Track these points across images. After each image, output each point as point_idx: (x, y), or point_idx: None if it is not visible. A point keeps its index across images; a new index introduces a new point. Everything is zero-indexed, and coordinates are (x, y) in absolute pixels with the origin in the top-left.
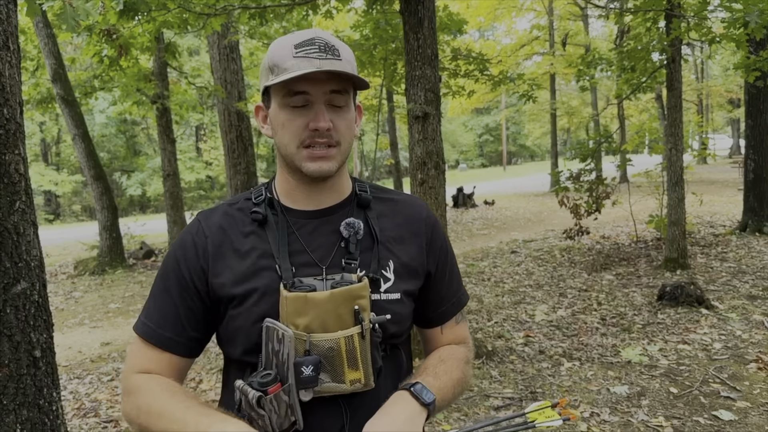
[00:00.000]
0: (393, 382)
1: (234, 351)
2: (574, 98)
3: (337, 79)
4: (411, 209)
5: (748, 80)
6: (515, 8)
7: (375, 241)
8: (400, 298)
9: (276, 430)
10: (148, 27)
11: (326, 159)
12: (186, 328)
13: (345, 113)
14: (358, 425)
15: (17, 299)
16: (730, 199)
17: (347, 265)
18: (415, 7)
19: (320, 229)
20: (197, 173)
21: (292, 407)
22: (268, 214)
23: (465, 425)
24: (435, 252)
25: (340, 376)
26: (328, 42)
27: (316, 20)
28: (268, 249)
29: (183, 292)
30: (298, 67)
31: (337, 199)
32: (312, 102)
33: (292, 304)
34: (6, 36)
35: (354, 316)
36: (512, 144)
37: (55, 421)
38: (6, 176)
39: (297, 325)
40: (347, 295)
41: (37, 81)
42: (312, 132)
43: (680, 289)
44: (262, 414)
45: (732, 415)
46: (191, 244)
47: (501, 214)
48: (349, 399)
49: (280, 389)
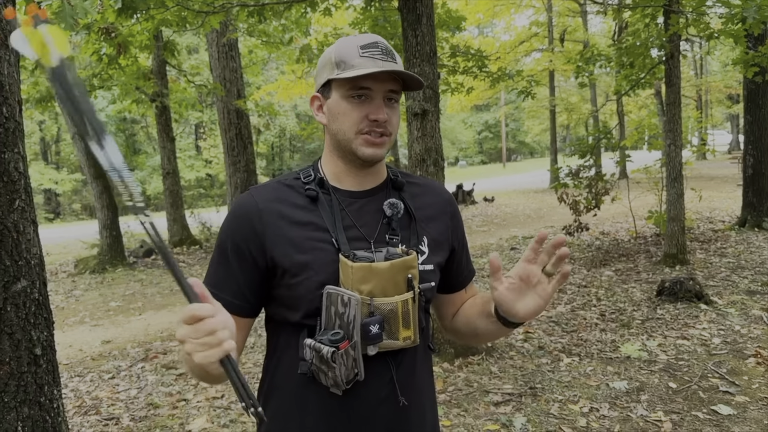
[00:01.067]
0: (425, 342)
1: (294, 315)
2: (574, 95)
3: (395, 80)
4: (436, 191)
5: (746, 76)
6: (514, 5)
7: (412, 218)
8: (433, 269)
9: (343, 381)
10: (146, 25)
11: (380, 146)
12: (244, 292)
13: (396, 110)
14: (402, 376)
15: (17, 297)
16: (729, 195)
17: (390, 240)
18: (413, 4)
19: (365, 208)
20: (197, 171)
21: (356, 361)
22: (319, 191)
23: None
24: (457, 230)
25: (395, 334)
26: (388, 47)
27: (315, 18)
28: (321, 223)
29: (240, 260)
30: (364, 66)
31: (377, 182)
32: (372, 97)
33: (357, 273)
34: (4, 34)
35: (407, 284)
36: (512, 141)
37: (56, 418)
38: (5, 174)
39: (361, 290)
40: (402, 265)
41: (36, 80)
42: (371, 122)
43: (679, 285)
44: (333, 366)
45: (731, 410)
46: (245, 215)
47: (500, 210)
48: (394, 354)
49: (349, 345)
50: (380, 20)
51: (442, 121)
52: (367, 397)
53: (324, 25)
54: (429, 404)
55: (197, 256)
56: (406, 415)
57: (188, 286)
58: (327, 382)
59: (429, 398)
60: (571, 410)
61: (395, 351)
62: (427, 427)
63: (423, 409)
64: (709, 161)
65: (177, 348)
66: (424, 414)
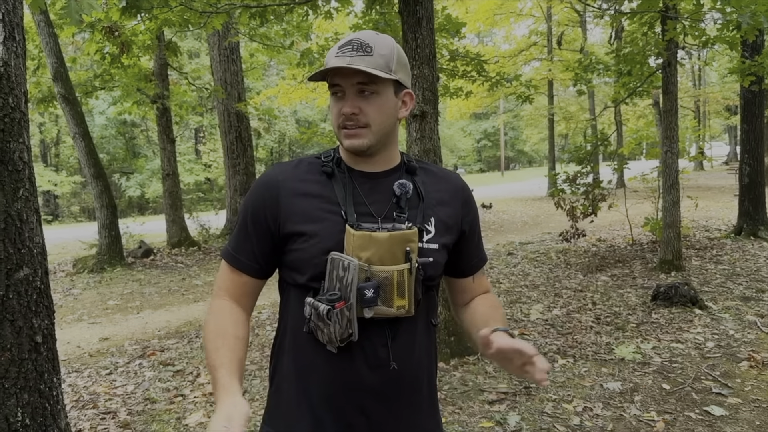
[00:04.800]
0: (426, 316)
1: (301, 277)
2: (572, 104)
3: (364, 72)
4: (450, 179)
5: (743, 84)
6: (514, 14)
7: (420, 199)
8: (438, 248)
9: (337, 338)
10: (150, 25)
11: (356, 137)
12: (257, 257)
13: (374, 99)
14: (397, 344)
15: (20, 285)
16: (726, 205)
17: (398, 218)
18: (413, 7)
19: (377, 188)
20: (196, 175)
21: (350, 321)
22: (335, 169)
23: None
24: (469, 215)
25: (390, 302)
26: (363, 41)
27: (317, 22)
28: (333, 197)
29: (256, 226)
30: (334, 65)
31: (388, 165)
32: (344, 92)
33: (358, 240)
34: (12, 27)
35: (405, 256)
36: (510, 149)
37: (56, 406)
38: (10, 164)
39: (360, 257)
40: (401, 238)
41: (38, 80)
42: (343, 116)
43: (674, 290)
44: (328, 323)
45: (723, 411)
46: (267, 186)
47: (498, 217)
48: (392, 323)
49: (344, 306)
50: (381, 24)
51: (442, 129)
52: (362, 360)
53: (325, 29)
54: (427, 378)
55: (195, 257)
56: (398, 381)
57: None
58: (323, 338)
59: (428, 372)
60: (564, 409)
61: (392, 320)
62: (422, 398)
63: (419, 380)
64: (707, 171)
65: (174, 345)
66: (419, 385)
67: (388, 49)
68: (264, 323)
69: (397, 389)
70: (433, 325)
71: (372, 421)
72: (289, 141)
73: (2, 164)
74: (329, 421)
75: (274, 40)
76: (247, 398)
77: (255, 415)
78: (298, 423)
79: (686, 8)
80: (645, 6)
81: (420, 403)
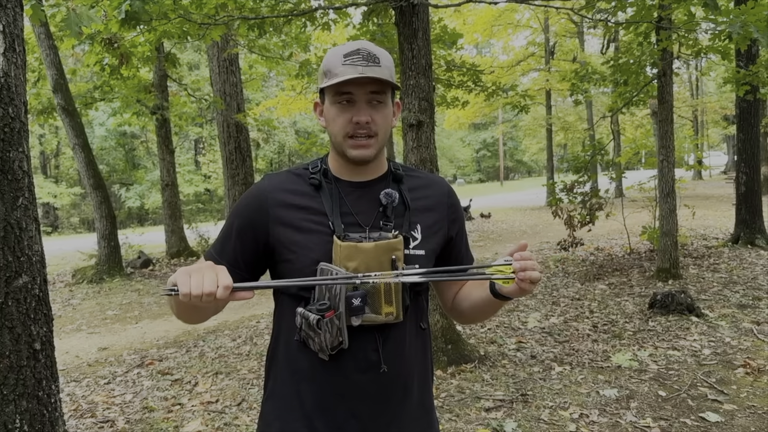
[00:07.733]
0: (416, 321)
1: (292, 288)
2: (570, 113)
3: (376, 83)
4: (436, 185)
5: (738, 94)
6: (512, 25)
7: (406, 208)
8: (425, 254)
9: (328, 347)
10: (149, 36)
11: (366, 147)
12: (239, 262)
13: (382, 109)
14: (387, 348)
15: (19, 292)
16: (723, 213)
17: (384, 227)
18: (409, 19)
19: (364, 197)
20: (195, 186)
21: (340, 330)
22: (322, 181)
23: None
24: (456, 221)
25: (378, 309)
26: (371, 51)
27: (315, 33)
28: (321, 208)
29: (242, 236)
30: (345, 73)
31: (376, 174)
32: (355, 101)
33: (344, 251)
34: (12, 38)
35: (391, 264)
36: (509, 159)
37: (54, 413)
38: (10, 173)
39: (347, 267)
40: (387, 247)
41: (38, 91)
42: (355, 125)
43: (671, 298)
44: (318, 332)
45: (719, 417)
46: (256, 196)
47: (497, 226)
48: (382, 329)
49: (334, 315)
50: (378, 35)
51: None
52: (352, 366)
53: (324, 41)
54: (420, 381)
55: None
56: (388, 384)
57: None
58: (314, 347)
59: (420, 375)
60: (561, 416)
61: (382, 326)
62: (413, 400)
63: (410, 384)
64: (705, 181)
65: (173, 351)
66: (410, 388)
67: (389, 60)
68: (262, 332)
69: (387, 391)
70: (422, 329)
71: (363, 424)
72: (288, 151)
73: (2, 173)
74: (322, 425)
75: (272, 51)
76: (245, 406)
77: (252, 423)
78: (292, 428)
79: (680, 18)
80: (638, 16)
81: (410, 404)
